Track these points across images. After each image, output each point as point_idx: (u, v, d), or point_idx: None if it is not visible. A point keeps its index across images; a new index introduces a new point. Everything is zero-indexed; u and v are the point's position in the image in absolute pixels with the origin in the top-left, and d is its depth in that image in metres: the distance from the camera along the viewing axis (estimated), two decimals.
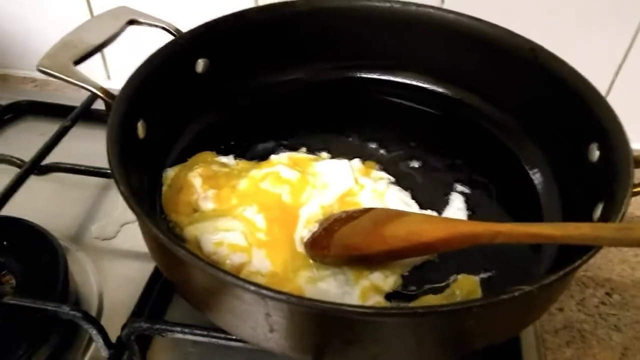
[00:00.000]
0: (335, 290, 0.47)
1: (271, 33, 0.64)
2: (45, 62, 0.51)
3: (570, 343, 0.55)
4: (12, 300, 0.48)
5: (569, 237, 0.40)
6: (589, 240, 0.39)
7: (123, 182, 0.41)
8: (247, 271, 0.47)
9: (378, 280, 0.48)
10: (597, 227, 0.40)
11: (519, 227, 0.43)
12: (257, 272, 0.48)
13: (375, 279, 0.48)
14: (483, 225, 0.44)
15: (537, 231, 0.42)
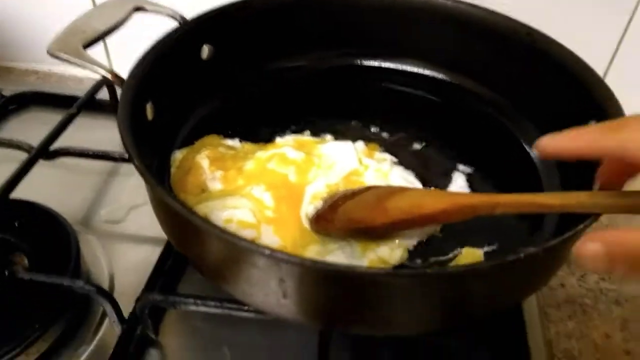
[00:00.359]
0: (342, 263, 0.48)
1: (275, 20, 0.66)
2: (55, 46, 0.52)
3: (572, 316, 0.57)
4: (26, 276, 0.48)
5: (567, 205, 0.41)
6: (587, 207, 0.40)
7: (137, 155, 0.42)
8: None
9: (385, 253, 0.49)
10: (594, 195, 0.41)
11: (517, 197, 0.44)
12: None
13: (382, 253, 0.49)
14: (482, 196, 0.45)
15: (535, 201, 0.43)
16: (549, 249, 0.38)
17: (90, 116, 0.75)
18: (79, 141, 0.69)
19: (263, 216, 0.51)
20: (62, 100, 0.77)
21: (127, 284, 0.56)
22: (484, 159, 0.60)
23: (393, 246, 0.50)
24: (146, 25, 0.60)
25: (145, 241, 0.61)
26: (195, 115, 0.62)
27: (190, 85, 0.61)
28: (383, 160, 0.59)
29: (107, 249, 0.60)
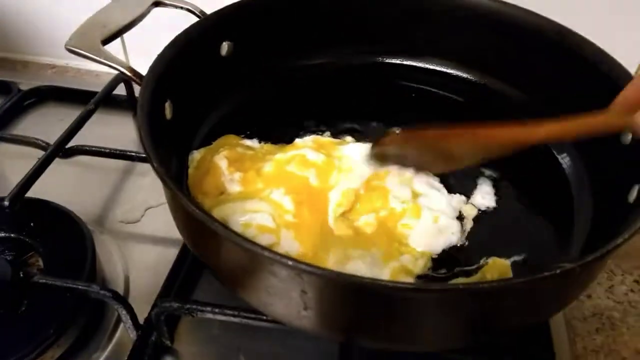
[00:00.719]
0: (364, 271, 0.46)
1: (296, 17, 0.64)
2: (73, 41, 0.51)
3: (600, 330, 0.55)
4: (42, 280, 0.47)
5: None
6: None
7: (156, 158, 0.40)
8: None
9: (408, 262, 0.48)
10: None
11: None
12: (286, 253, 0.47)
13: (405, 261, 0.48)
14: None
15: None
16: (586, 264, 0.36)
17: (106, 112, 0.74)
18: (94, 138, 0.68)
19: (283, 221, 0.50)
20: (78, 95, 0.77)
21: (143, 287, 0.55)
22: (510, 164, 0.58)
23: (417, 255, 0.48)
24: (163, 21, 0.59)
25: (161, 242, 0.60)
26: (213, 114, 0.61)
27: (209, 83, 0.60)
28: None
29: (123, 249, 0.59)
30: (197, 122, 0.59)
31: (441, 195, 0.53)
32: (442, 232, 0.50)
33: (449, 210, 0.51)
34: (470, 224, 0.52)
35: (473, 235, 0.51)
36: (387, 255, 0.48)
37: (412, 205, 0.51)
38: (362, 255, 0.48)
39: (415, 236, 0.49)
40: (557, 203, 0.55)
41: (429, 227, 0.49)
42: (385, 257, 0.48)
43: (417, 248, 0.49)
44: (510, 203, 0.55)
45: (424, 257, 0.48)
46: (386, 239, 0.49)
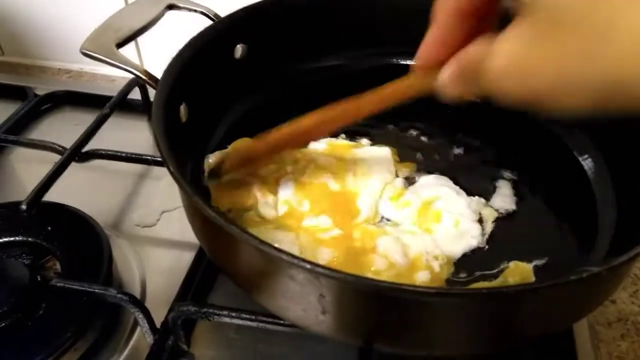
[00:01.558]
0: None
1: (309, 19, 0.64)
2: (88, 45, 0.51)
3: (625, 336, 0.53)
4: (60, 283, 0.47)
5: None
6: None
7: (172, 161, 0.40)
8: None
9: (436, 267, 0.47)
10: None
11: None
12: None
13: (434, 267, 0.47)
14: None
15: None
16: (613, 268, 0.35)
17: (121, 116, 0.74)
18: (110, 142, 0.68)
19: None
20: (94, 99, 0.77)
21: (159, 290, 0.55)
22: (530, 166, 0.57)
23: (441, 259, 0.47)
24: (177, 24, 0.59)
25: (177, 246, 0.60)
26: (228, 116, 0.61)
27: (224, 86, 0.60)
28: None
29: (139, 253, 0.58)
30: (212, 124, 0.58)
31: (460, 198, 0.52)
32: (463, 235, 0.49)
33: (468, 213, 0.50)
34: (490, 227, 0.51)
35: (493, 238, 0.50)
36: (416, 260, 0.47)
37: (433, 210, 0.50)
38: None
39: (437, 240, 0.48)
40: (579, 206, 0.53)
41: (450, 231, 0.48)
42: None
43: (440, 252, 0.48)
44: (530, 205, 0.53)
45: (449, 262, 0.47)
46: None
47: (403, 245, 0.47)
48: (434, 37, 0.36)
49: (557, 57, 0.26)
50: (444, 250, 0.47)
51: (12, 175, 0.70)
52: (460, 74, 0.33)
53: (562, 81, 0.26)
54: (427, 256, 0.47)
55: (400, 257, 0.46)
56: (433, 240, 0.48)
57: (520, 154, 0.58)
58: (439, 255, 0.47)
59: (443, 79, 0.35)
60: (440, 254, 0.47)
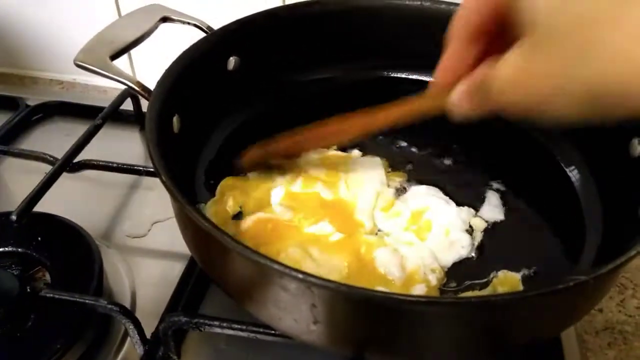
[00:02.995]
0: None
1: (302, 32, 0.64)
2: (82, 56, 0.51)
3: (612, 344, 0.54)
4: (49, 294, 0.47)
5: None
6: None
7: (164, 171, 0.41)
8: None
9: (431, 277, 0.47)
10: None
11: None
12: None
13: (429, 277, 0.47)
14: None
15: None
16: (600, 277, 0.35)
17: (113, 127, 0.74)
18: (102, 153, 0.68)
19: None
20: (86, 110, 0.77)
21: (150, 301, 0.54)
22: (519, 177, 0.58)
23: (435, 269, 0.48)
24: (170, 36, 0.60)
25: (168, 256, 0.59)
26: (221, 128, 0.61)
27: (217, 98, 0.60)
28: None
29: (130, 263, 0.58)
30: (204, 136, 0.59)
31: (450, 208, 0.53)
32: (453, 245, 0.49)
33: (458, 223, 0.51)
34: (479, 237, 0.52)
35: (482, 248, 0.51)
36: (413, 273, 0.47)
37: (423, 220, 0.50)
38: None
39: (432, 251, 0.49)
40: (567, 216, 0.54)
41: (441, 241, 0.49)
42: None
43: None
44: (519, 216, 0.54)
45: (441, 271, 0.48)
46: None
47: (401, 258, 0.48)
48: (449, 59, 0.39)
49: (548, 73, 0.29)
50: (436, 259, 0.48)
51: (3, 185, 0.70)
52: (469, 92, 0.36)
53: (556, 94, 0.29)
54: (424, 269, 0.47)
55: (398, 271, 0.46)
56: (430, 252, 0.49)
57: (508, 165, 0.59)
58: (436, 268, 0.48)
59: (454, 97, 0.37)
60: (437, 267, 0.47)
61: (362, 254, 0.47)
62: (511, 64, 0.31)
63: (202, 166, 0.57)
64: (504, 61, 0.31)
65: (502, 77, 0.31)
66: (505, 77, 0.31)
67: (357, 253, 0.47)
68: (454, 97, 0.37)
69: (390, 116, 0.46)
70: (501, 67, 0.31)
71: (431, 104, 0.42)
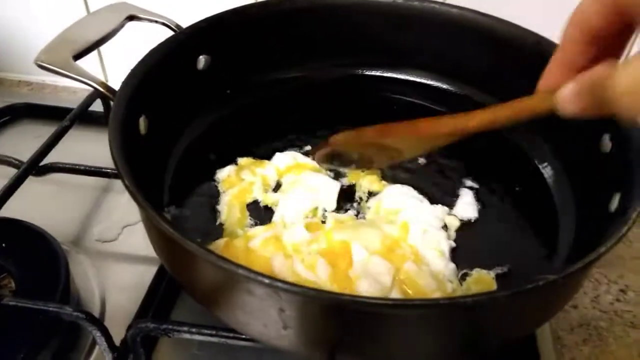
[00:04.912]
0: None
1: (272, 30, 0.63)
2: (43, 56, 0.49)
3: (587, 341, 0.54)
4: (12, 302, 0.46)
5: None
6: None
7: (127, 175, 0.39)
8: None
9: None
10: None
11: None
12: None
13: None
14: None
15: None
16: (569, 275, 0.35)
17: (83, 129, 0.72)
18: (71, 156, 0.66)
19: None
20: (54, 112, 0.75)
21: (119, 307, 0.53)
22: (491, 174, 0.58)
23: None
24: (141, 35, 0.58)
25: (138, 261, 0.58)
26: (191, 129, 0.60)
27: (186, 97, 0.59)
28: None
29: (99, 269, 0.57)
30: (174, 137, 0.58)
31: (424, 206, 0.52)
32: (431, 244, 0.49)
33: (434, 222, 0.51)
34: (453, 236, 0.51)
35: (456, 248, 0.50)
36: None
37: (400, 221, 0.50)
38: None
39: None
40: (540, 213, 0.54)
41: (418, 240, 0.48)
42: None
43: None
44: (492, 214, 0.54)
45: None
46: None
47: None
48: (560, 61, 0.37)
49: None
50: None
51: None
52: (581, 92, 0.34)
53: None
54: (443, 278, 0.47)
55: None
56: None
57: (481, 163, 0.59)
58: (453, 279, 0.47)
59: (565, 95, 0.35)
60: (454, 279, 0.47)
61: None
62: (633, 71, 0.29)
63: (171, 169, 0.56)
64: (627, 65, 0.30)
65: (622, 82, 0.30)
66: (626, 83, 0.30)
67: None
68: (564, 95, 0.35)
69: (499, 117, 0.43)
70: (623, 71, 0.30)
71: (540, 105, 0.39)
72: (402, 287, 0.43)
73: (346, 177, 0.57)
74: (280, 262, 0.44)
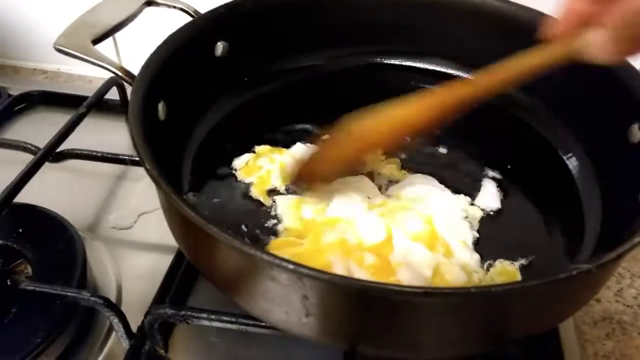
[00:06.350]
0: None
1: (291, 16, 0.62)
2: (62, 40, 0.49)
3: (610, 335, 0.53)
4: (30, 286, 0.45)
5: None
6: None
7: (148, 159, 0.39)
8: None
9: None
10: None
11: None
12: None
13: None
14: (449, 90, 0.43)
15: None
16: (603, 265, 0.34)
17: (99, 117, 0.72)
18: (87, 143, 0.66)
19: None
20: (70, 100, 0.75)
21: (136, 294, 0.53)
22: (516, 165, 0.56)
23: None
24: (159, 21, 0.58)
25: (155, 249, 0.58)
26: (209, 115, 0.59)
27: (205, 84, 0.58)
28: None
29: (115, 256, 0.57)
30: (192, 123, 0.57)
31: (446, 196, 0.51)
32: (453, 234, 0.48)
33: (457, 211, 0.50)
34: (476, 226, 0.50)
35: (479, 238, 0.49)
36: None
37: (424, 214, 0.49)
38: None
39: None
40: (564, 204, 0.53)
41: (443, 230, 0.47)
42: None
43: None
44: (515, 204, 0.53)
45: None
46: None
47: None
48: (576, 2, 0.34)
49: None
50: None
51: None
52: (620, 31, 0.31)
53: None
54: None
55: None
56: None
57: (504, 153, 0.58)
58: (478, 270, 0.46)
59: (598, 40, 0.32)
60: (480, 270, 0.46)
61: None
62: None
63: (190, 155, 0.55)
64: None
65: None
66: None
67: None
68: (597, 41, 0.31)
69: (514, 71, 0.41)
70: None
71: (560, 53, 0.37)
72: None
73: (365, 165, 0.56)
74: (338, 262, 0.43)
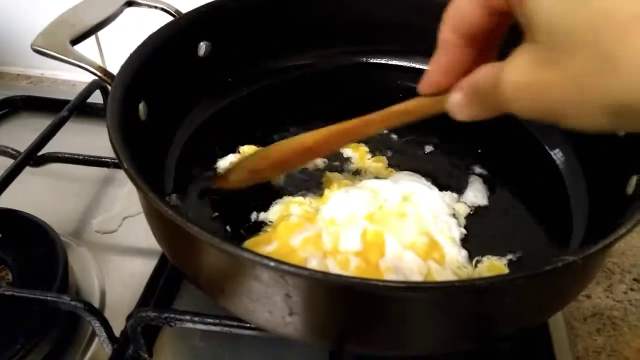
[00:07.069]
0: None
1: (276, 16, 0.62)
2: (40, 40, 0.48)
3: (600, 330, 0.53)
4: (9, 292, 0.44)
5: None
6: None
7: (125, 158, 0.38)
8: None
9: None
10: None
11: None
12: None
13: None
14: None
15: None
16: (589, 256, 0.34)
17: (82, 121, 0.71)
18: (70, 147, 0.65)
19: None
20: (53, 104, 0.74)
21: (120, 299, 0.52)
22: (502, 161, 0.56)
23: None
24: (144, 23, 0.57)
25: (139, 253, 0.57)
26: (192, 116, 0.58)
27: (188, 84, 0.57)
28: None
29: (99, 261, 0.56)
30: (174, 124, 0.56)
31: (433, 193, 0.51)
32: (441, 231, 0.47)
33: (444, 208, 0.49)
34: (463, 223, 0.50)
35: (467, 234, 0.49)
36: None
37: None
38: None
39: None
40: (552, 199, 0.53)
41: (431, 225, 0.47)
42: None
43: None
44: (502, 200, 0.52)
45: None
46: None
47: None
48: (440, 64, 0.35)
49: (559, 82, 0.26)
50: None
51: None
52: (469, 97, 0.33)
53: (569, 103, 0.26)
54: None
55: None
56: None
57: (491, 149, 0.57)
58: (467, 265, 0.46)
59: (455, 102, 0.34)
60: (468, 266, 0.45)
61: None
62: (518, 71, 0.27)
63: (173, 156, 0.54)
64: (508, 67, 0.28)
65: (508, 84, 0.28)
66: (512, 84, 0.28)
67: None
68: (454, 102, 0.33)
69: (386, 118, 0.43)
70: (506, 74, 0.28)
71: (428, 106, 0.39)
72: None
73: (352, 164, 0.55)
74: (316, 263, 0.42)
